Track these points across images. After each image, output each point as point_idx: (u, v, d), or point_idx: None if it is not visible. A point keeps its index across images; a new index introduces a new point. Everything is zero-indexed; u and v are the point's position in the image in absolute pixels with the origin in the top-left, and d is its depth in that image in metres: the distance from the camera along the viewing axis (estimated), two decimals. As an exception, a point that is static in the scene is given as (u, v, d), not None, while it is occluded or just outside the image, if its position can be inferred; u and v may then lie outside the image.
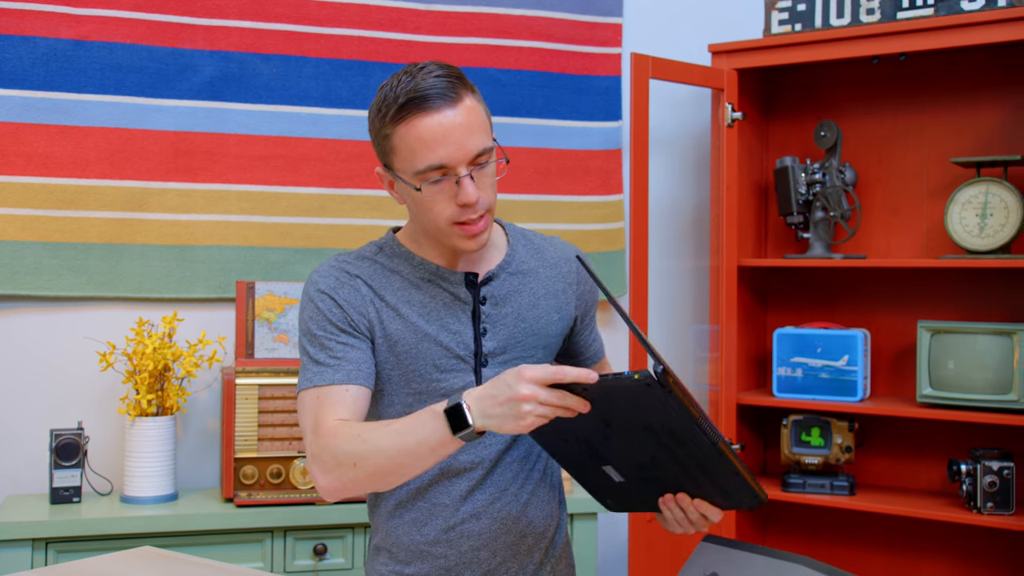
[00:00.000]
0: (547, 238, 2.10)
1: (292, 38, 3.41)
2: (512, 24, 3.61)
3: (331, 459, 1.77)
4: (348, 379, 1.86)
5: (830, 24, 3.36)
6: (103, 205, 3.25)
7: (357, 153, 3.46)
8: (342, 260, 1.96)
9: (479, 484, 1.96)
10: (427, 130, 1.79)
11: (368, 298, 1.92)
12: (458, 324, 1.93)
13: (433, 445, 1.68)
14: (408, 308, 1.92)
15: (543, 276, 2.02)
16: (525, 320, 1.97)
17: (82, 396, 3.26)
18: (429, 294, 1.93)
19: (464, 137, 1.79)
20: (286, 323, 3.23)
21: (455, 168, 1.80)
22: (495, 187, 1.88)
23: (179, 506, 3.06)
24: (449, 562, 1.97)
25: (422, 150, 1.79)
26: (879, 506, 3.30)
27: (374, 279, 1.93)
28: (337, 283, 1.91)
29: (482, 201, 1.83)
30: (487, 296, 1.95)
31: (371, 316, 1.91)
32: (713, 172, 3.55)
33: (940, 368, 3.22)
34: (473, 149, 1.80)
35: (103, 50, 3.24)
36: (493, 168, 1.86)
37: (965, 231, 3.22)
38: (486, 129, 1.85)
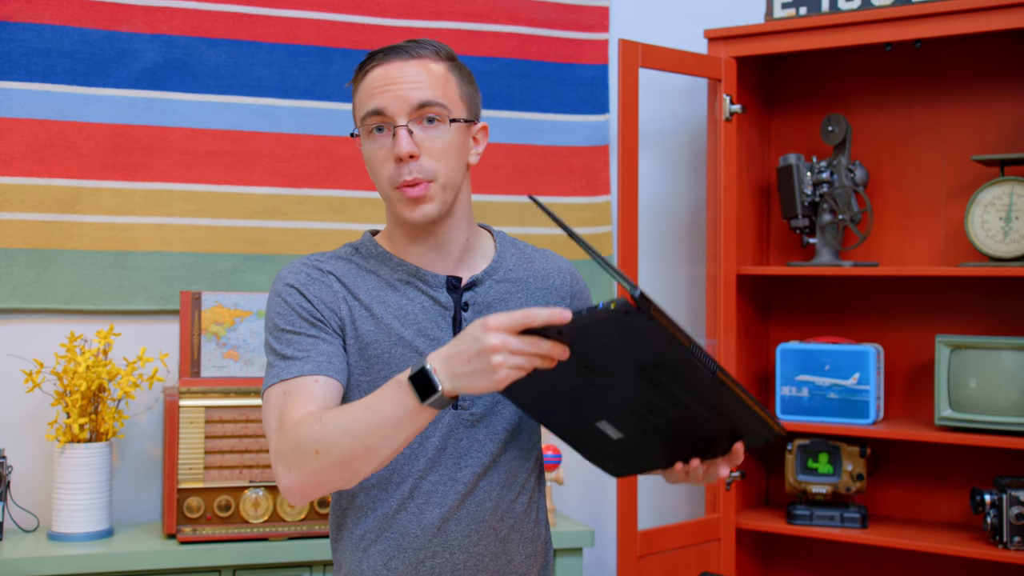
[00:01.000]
0: (539, 249, 2.13)
1: (243, 21, 3.39)
2: (487, 7, 3.61)
3: (293, 451, 1.77)
4: (318, 370, 1.86)
5: (838, 7, 3.35)
6: (29, 206, 3.20)
7: (315, 149, 3.45)
8: (315, 258, 2.00)
9: (453, 513, 1.93)
10: (372, 79, 1.91)
11: (341, 295, 1.95)
12: (437, 330, 1.94)
13: (400, 419, 1.66)
14: (383, 309, 1.94)
15: (532, 287, 2.04)
16: None
17: (4, 420, 3.20)
18: (407, 296, 1.95)
19: (407, 87, 1.88)
20: (236, 338, 3.19)
21: (393, 117, 1.87)
22: (452, 159, 1.91)
23: (115, 543, 3.00)
24: None
25: (365, 98, 1.91)
26: (894, 540, 3.29)
27: (348, 277, 1.96)
28: (308, 279, 1.95)
29: (424, 163, 1.87)
30: (469, 302, 1.96)
31: (343, 314, 1.94)
32: (709, 171, 3.54)
33: (961, 387, 3.20)
34: (414, 98, 1.87)
35: (29, 32, 3.20)
36: (449, 136, 1.90)
37: (988, 236, 3.20)
38: (447, 90, 1.92)
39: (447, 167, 1.90)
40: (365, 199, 3.46)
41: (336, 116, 3.45)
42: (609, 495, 3.49)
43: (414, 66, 1.89)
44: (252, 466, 3.02)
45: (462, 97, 1.94)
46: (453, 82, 1.93)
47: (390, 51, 1.91)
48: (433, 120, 1.88)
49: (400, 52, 1.90)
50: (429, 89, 1.88)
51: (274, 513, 3.00)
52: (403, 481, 1.91)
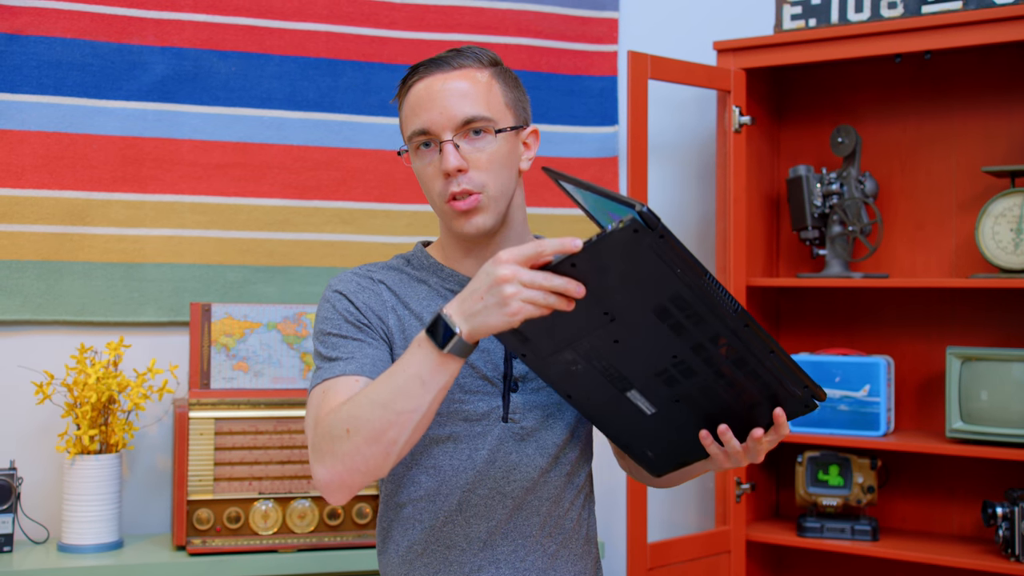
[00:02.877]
0: None
1: (253, 33, 3.39)
2: (497, 19, 3.60)
3: (325, 439, 1.74)
4: (360, 371, 1.85)
5: (848, 19, 3.36)
6: (40, 218, 3.20)
7: (325, 161, 3.44)
8: (366, 267, 2.01)
9: (500, 527, 1.92)
10: (415, 94, 1.89)
11: (390, 304, 1.95)
12: (487, 342, 1.92)
13: (424, 376, 1.64)
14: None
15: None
16: None
17: (15, 432, 3.20)
18: None
19: (451, 101, 1.86)
20: (246, 349, 3.19)
21: (438, 133, 1.86)
22: (500, 169, 1.89)
23: (124, 555, 2.99)
24: None
25: (410, 115, 1.89)
26: (905, 553, 3.28)
27: (399, 287, 1.98)
28: (357, 287, 1.96)
29: (472, 176, 1.86)
30: None
31: (391, 323, 1.94)
32: (719, 182, 3.54)
33: (972, 399, 3.20)
34: (458, 114, 1.85)
35: (40, 45, 3.20)
36: (496, 146, 1.88)
37: (999, 247, 3.21)
38: (492, 100, 1.90)
39: (496, 178, 1.88)
40: (375, 211, 3.46)
41: (346, 128, 3.44)
42: (619, 507, 3.48)
43: (456, 78, 1.87)
44: (262, 478, 3.02)
45: (508, 104, 1.91)
46: (497, 90, 1.91)
47: (431, 64, 1.89)
48: (479, 132, 1.86)
49: (441, 64, 1.88)
50: (473, 102, 1.86)
51: (283, 525, 3.00)
52: (451, 493, 1.90)
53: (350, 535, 3.04)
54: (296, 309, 3.23)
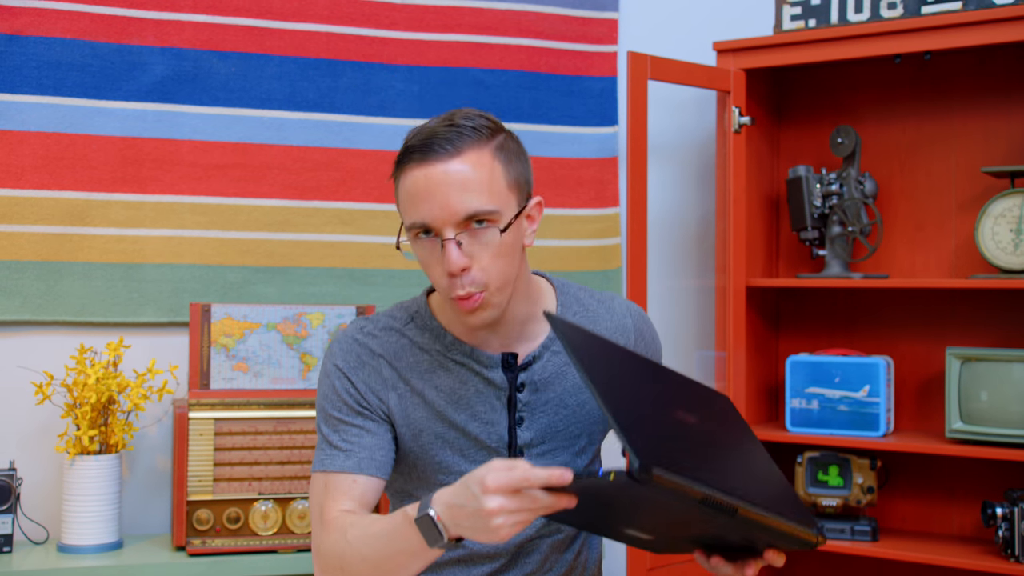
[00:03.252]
0: (605, 300, 2.03)
1: (252, 34, 3.39)
2: (497, 19, 3.61)
3: (323, 558, 1.80)
4: (358, 468, 1.85)
5: (847, 20, 3.36)
6: (40, 219, 3.21)
7: (325, 162, 3.45)
8: (367, 333, 1.94)
9: (500, 569, 1.93)
10: (413, 183, 1.77)
11: (391, 382, 1.91)
12: (491, 412, 1.90)
13: (415, 551, 1.63)
14: (435, 394, 1.90)
15: None
16: (567, 407, 1.93)
17: (14, 433, 3.21)
18: (460, 378, 1.91)
19: (452, 195, 1.74)
20: (246, 350, 3.20)
21: (439, 230, 1.76)
22: (504, 261, 1.80)
23: (124, 555, 3.00)
24: None
25: (408, 205, 1.79)
26: (905, 554, 3.28)
27: (399, 359, 1.92)
28: (357, 362, 1.91)
29: (475, 276, 1.77)
30: (526, 382, 1.91)
31: (391, 402, 1.91)
32: (718, 183, 3.55)
33: (972, 400, 3.19)
34: (460, 210, 1.74)
35: (40, 45, 3.21)
36: (500, 239, 1.78)
37: (998, 248, 3.20)
38: (491, 190, 1.77)
39: (500, 270, 1.79)
40: (375, 211, 3.46)
41: (346, 128, 3.45)
42: (619, 508, 3.50)
43: (457, 166, 1.74)
44: (261, 478, 3.03)
45: (510, 185, 1.80)
46: (499, 171, 1.79)
47: (428, 149, 1.76)
48: (483, 222, 1.76)
49: (439, 151, 1.75)
50: (476, 194, 1.75)
51: (283, 526, 3.01)
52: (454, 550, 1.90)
53: None
54: (296, 310, 3.24)
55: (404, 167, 1.78)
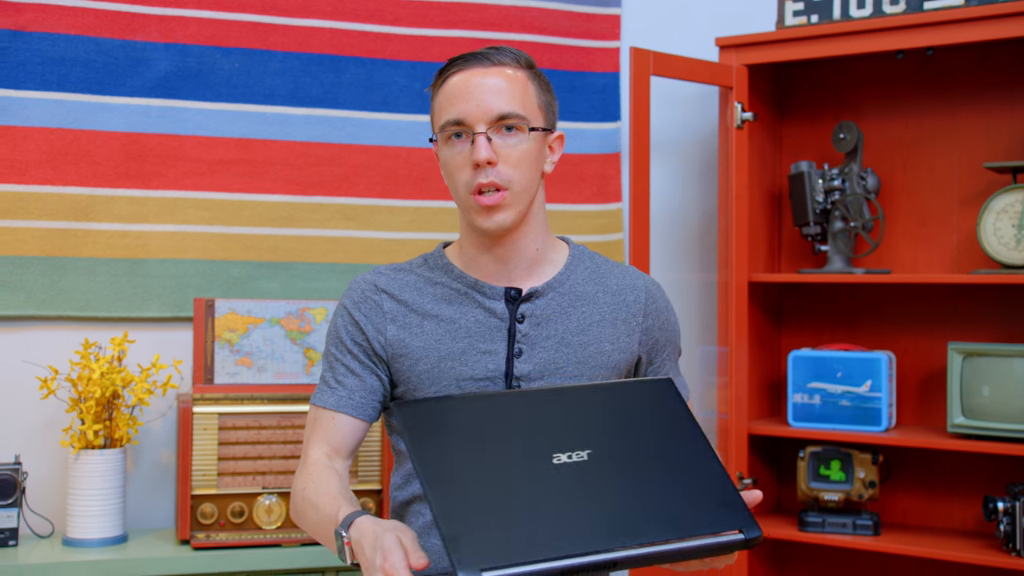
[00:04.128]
0: (619, 265, 2.10)
1: (256, 30, 3.41)
2: (500, 15, 3.62)
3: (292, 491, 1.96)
4: (338, 406, 1.97)
5: (850, 15, 3.36)
6: (44, 214, 3.23)
7: (328, 157, 3.46)
8: (378, 271, 2.06)
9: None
10: (453, 86, 1.92)
11: (391, 315, 1.99)
12: (490, 343, 1.95)
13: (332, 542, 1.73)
14: (435, 323, 1.98)
15: (601, 302, 2.02)
16: (570, 345, 1.96)
17: (20, 427, 3.24)
18: (462, 309, 1.98)
19: (488, 95, 1.89)
20: (249, 345, 3.21)
21: (472, 125, 1.89)
22: (527, 168, 1.93)
23: (129, 549, 3.02)
24: None
25: (445, 105, 1.92)
26: (907, 548, 3.28)
27: (403, 292, 2.01)
28: (361, 298, 2.02)
29: (501, 170, 1.89)
30: (526, 314, 1.97)
31: (389, 335, 1.98)
32: (721, 178, 3.56)
33: (973, 395, 3.20)
34: (495, 109, 1.88)
35: (44, 41, 3.23)
36: (527, 145, 1.92)
37: (1000, 243, 3.21)
38: (526, 100, 1.93)
39: (523, 175, 1.91)
40: (378, 207, 3.48)
41: (349, 124, 3.46)
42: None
43: (494, 74, 1.90)
44: (265, 472, 3.04)
45: (540, 106, 1.95)
46: (532, 91, 1.94)
47: (470, 58, 1.92)
48: (512, 128, 1.90)
49: (481, 59, 1.91)
50: (509, 99, 1.89)
51: (287, 519, 3.02)
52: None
53: None
54: (299, 305, 3.25)
55: (446, 75, 1.93)
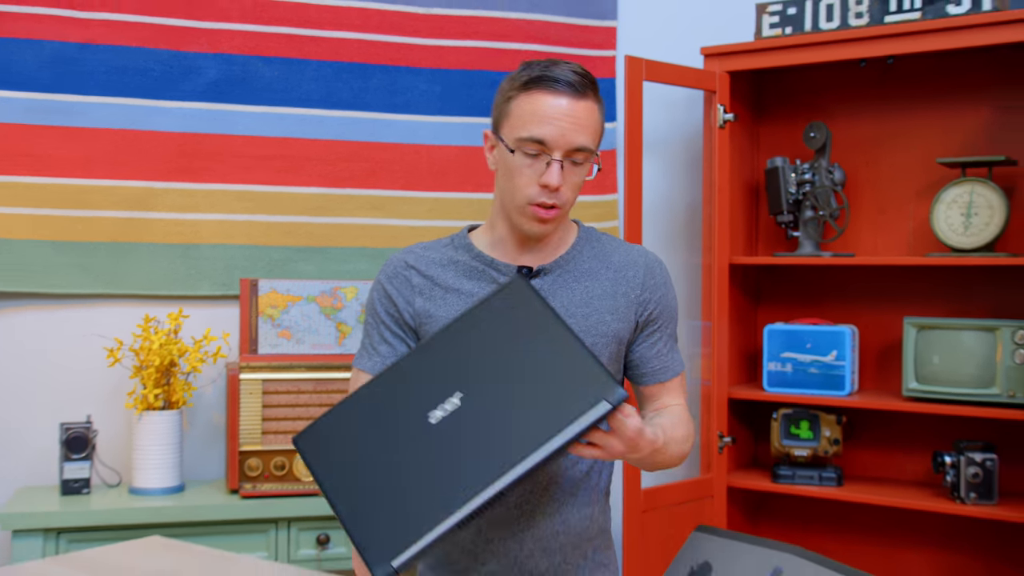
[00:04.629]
0: (624, 244, 2.04)
1: (293, 41, 3.43)
2: (511, 28, 3.62)
3: None
4: (373, 370, 1.96)
5: (819, 27, 3.35)
6: (109, 205, 3.26)
7: (357, 153, 3.48)
8: (410, 249, 2.03)
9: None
10: (544, 106, 1.84)
11: (418, 288, 1.97)
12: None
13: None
14: (456, 297, 1.95)
15: (603, 278, 1.97)
16: (573, 316, 1.91)
17: (91, 391, 3.27)
18: (479, 284, 1.95)
19: (572, 128, 1.83)
20: (289, 319, 3.25)
21: (551, 150, 1.83)
22: (578, 190, 1.90)
23: (185, 497, 3.08)
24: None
25: (532, 121, 1.84)
26: (866, 497, 3.31)
27: (431, 268, 1.98)
28: (393, 273, 2.00)
29: (563, 193, 1.86)
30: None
31: (417, 306, 1.97)
32: (705, 172, 3.54)
33: (925, 363, 3.22)
34: (574, 142, 1.84)
35: (108, 53, 3.26)
36: (584, 173, 1.89)
37: (950, 230, 3.23)
38: (595, 135, 1.88)
39: (574, 196, 1.89)
40: (401, 198, 3.49)
41: (375, 124, 3.47)
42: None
43: (583, 108, 1.84)
44: (303, 431, 3.11)
45: (599, 136, 1.90)
46: (599, 123, 1.89)
47: (566, 82, 1.83)
48: (581, 161, 1.86)
49: (572, 87, 1.83)
50: (589, 135, 1.85)
51: (323, 472, 3.11)
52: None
53: None
54: (332, 284, 3.29)
55: (534, 89, 1.84)
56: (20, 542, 2.87)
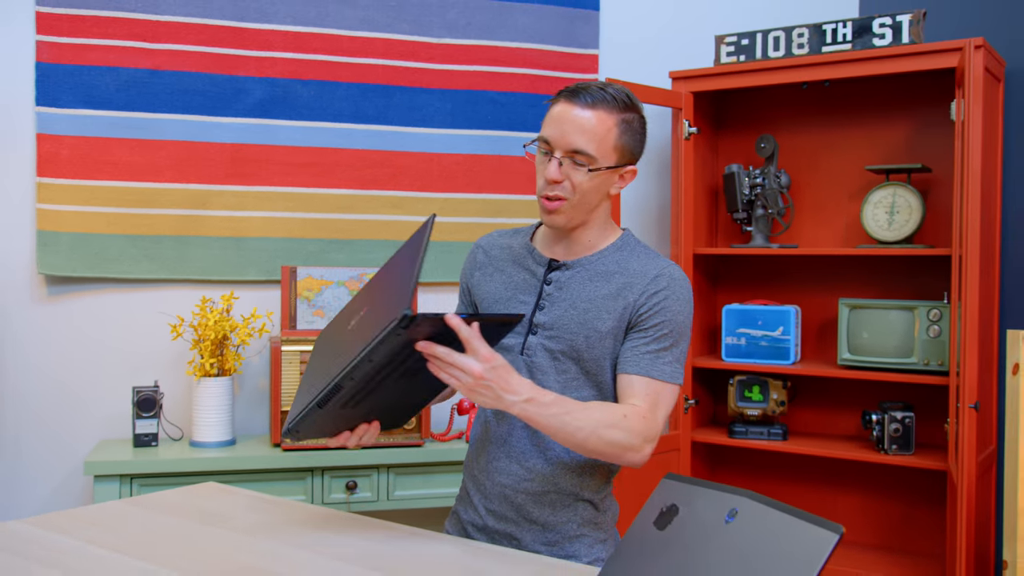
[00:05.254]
0: (652, 256, 1.89)
1: (327, 66, 3.41)
2: (507, 55, 3.59)
3: None
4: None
5: (768, 56, 3.36)
6: (173, 204, 3.26)
7: (380, 160, 3.46)
8: (491, 233, 2.05)
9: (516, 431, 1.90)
10: (555, 111, 1.81)
11: (480, 264, 2.00)
12: (528, 296, 1.90)
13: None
14: (501, 276, 1.96)
15: (615, 281, 1.86)
16: (576, 308, 1.85)
17: (158, 360, 3.29)
18: (518, 268, 1.94)
19: (571, 130, 1.78)
20: (322, 300, 3.23)
21: (553, 148, 1.80)
22: (587, 190, 1.81)
23: (237, 450, 3.08)
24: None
25: (547, 123, 1.82)
26: (807, 449, 3.33)
27: (491, 251, 2.00)
28: (472, 250, 2.04)
29: (562, 187, 1.80)
30: (553, 280, 1.89)
31: (475, 279, 1.99)
32: (673, 177, 3.55)
33: (856, 337, 3.24)
34: (572, 143, 1.78)
35: (172, 77, 3.26)
36: (585, 176, 1.80)
37: (877, 225, 3.25)
38: (603, 142, 1.79)
39: (580, 195, 1.81)
40: (418, 198, 3.46)
41: (397, 136, 3.44)
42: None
43: (587, 114, 1.77)
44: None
45: (616, 147, 1.80)
46: (614, 134, 1.79)
47: (578, 92, 1.79)
48: (578, 162, 1.78)
49: (582, 97, 1.78)
50: (588, 139, 1.77)
51: (352, 428, 3.10)
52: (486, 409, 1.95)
53: (399, 436, 3.08)
54: (359, 271, 3.27)
55: (557, 100, 1.81)
56: (100, 486, 2.89)
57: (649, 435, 1.77)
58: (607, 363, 1.86)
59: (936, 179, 3.32)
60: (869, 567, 3.21)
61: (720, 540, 1.23)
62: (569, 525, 1.90)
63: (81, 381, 3.24)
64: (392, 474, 3.10)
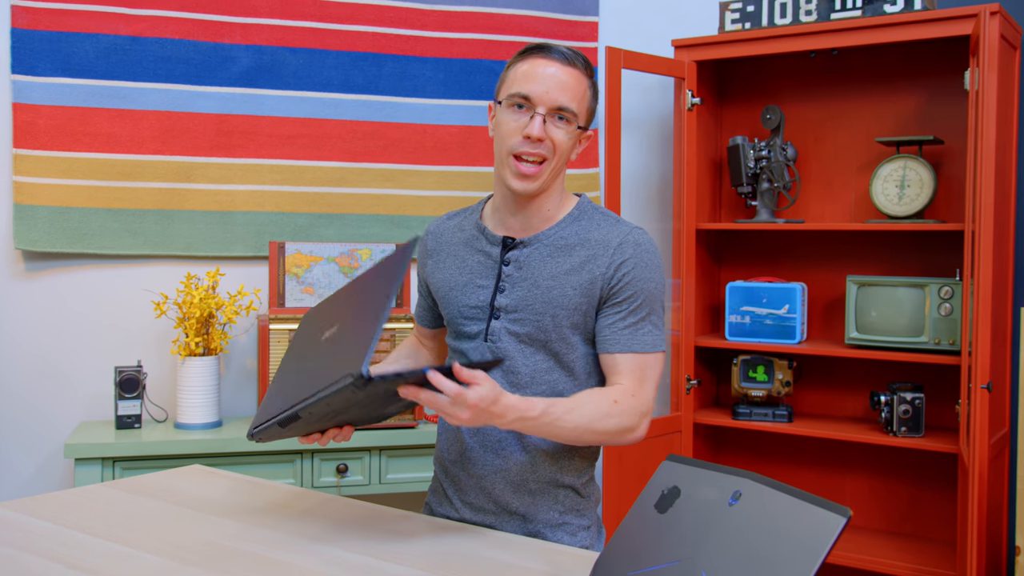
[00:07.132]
0: (615, 223, 1.88)
1: (315, 34, 3.40)
2: (504, 22, 3.59)
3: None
4: (415, 317, 2.13)
5: (775, 23, 3.35)
6: (156, 177, 3.25)
7: (371, 131, 3.46)
8: (441, 217, 2.05)
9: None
10: (532, 67, 1.81)
11: (431, 252, 2.00)
12: (484, 279, 1.89)
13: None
14: (452, 261, 1.95)
15: (577, 254, 1.84)
16: (539, 287, 1.83)
17: (141, 339, 3.29)
18: (471, 250, 1.93)
19: (556, 88, 1.79)
20: (311, 277, 3.24)
21: (535, 105, 1.79)
22: (565, 151, 1.83)
23: (223, 431, 3.08)
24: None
25: (521, 79, 1.81)
26: (813, 431, 3.33)
27: (440, 236, 2.00)
28: (423, 239, 2.04)
29: (545, 144, 1.80)
30: (511, 259, 1.87)
31: (428, 268, 2.00)
32: (675, 149, 3.54)
33: (864, 315, 3.24)
34: (558, 100, 1.79)
35: (155, 45, 3.25)
36: (568, 134, 1.82)
37: (886, 200, 3.24)
38: (582, 102, 1.83)
39: (558, 156, 1.81)
40: (410, 171, 3.46)
41: (388, 107, 3.44)
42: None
43: (569, 73, 1.80)
44: (324, 375, 3.09)
45: (588, 109, 1.85)
46: (587, 96, 1.84)
47: (554, 51, 1.81)
48: (563, 119, 1.80)
49: (563, 56, 1.81)
50: (572, 97, 1.79)
51: (341, 409, 3.09)
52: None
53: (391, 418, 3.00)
54: (350, 246, 3.26)
55: (526, 56, 1.82)
56: (81, 469, 2.88)
57: (643, 410, 1.80)
58: (577, 339, 1.85)
59: (949, 151, 3.30)
60: (877, 552, 3.22)
61: (723, 523, 1.23)
62: (550, 514, 1.90)
63: (61, 361, 3.24)
64: (384, 456, 3.10)
